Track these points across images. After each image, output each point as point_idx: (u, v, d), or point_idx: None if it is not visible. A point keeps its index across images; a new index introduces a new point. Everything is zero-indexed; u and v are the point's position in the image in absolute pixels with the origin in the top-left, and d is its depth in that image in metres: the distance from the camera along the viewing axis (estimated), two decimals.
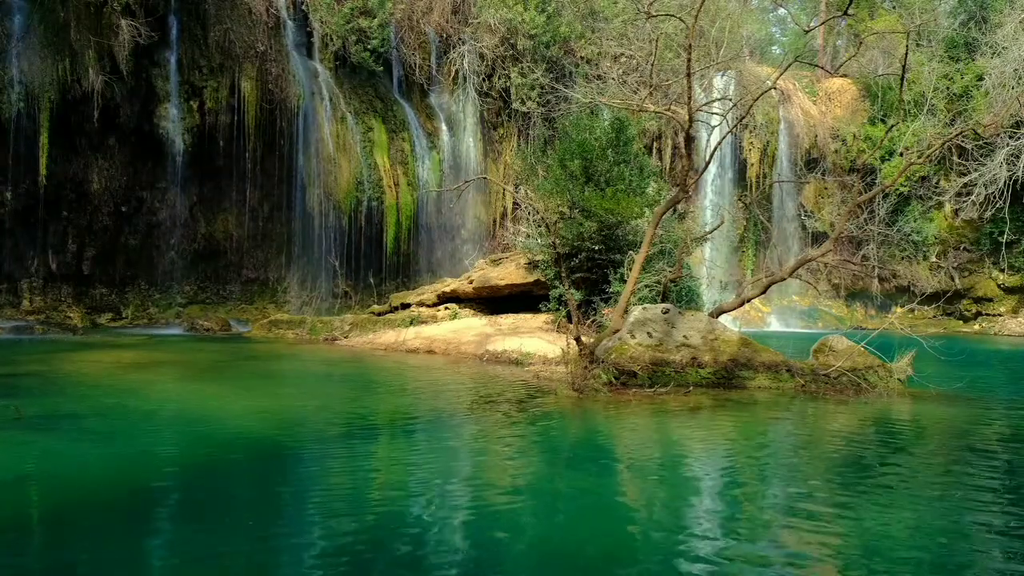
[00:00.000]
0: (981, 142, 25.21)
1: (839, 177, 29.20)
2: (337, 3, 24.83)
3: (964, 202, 26.37)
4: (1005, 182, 24.90)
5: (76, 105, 20.65)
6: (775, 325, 28.60)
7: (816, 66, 30.42)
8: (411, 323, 19.41)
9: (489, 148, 27.70)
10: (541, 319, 18.08)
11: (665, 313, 12.10)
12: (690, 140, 13.17)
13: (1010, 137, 24.63)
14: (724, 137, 13.95)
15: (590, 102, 19.12)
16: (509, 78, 27.04)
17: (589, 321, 15.90)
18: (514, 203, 26.53)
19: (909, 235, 27.88)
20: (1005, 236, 27.05)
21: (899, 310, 25.19)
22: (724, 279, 27.18)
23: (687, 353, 11.64)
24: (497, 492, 6.12)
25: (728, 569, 4.52)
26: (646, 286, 14.79)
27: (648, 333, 11.83)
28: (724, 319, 14.41)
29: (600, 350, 11.53)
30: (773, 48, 42.81)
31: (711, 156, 13.19)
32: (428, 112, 26.82)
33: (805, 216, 29.84)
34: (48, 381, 11.39)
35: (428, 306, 20.50)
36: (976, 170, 24.84)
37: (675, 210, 17.24)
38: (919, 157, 16.21)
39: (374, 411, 9.95)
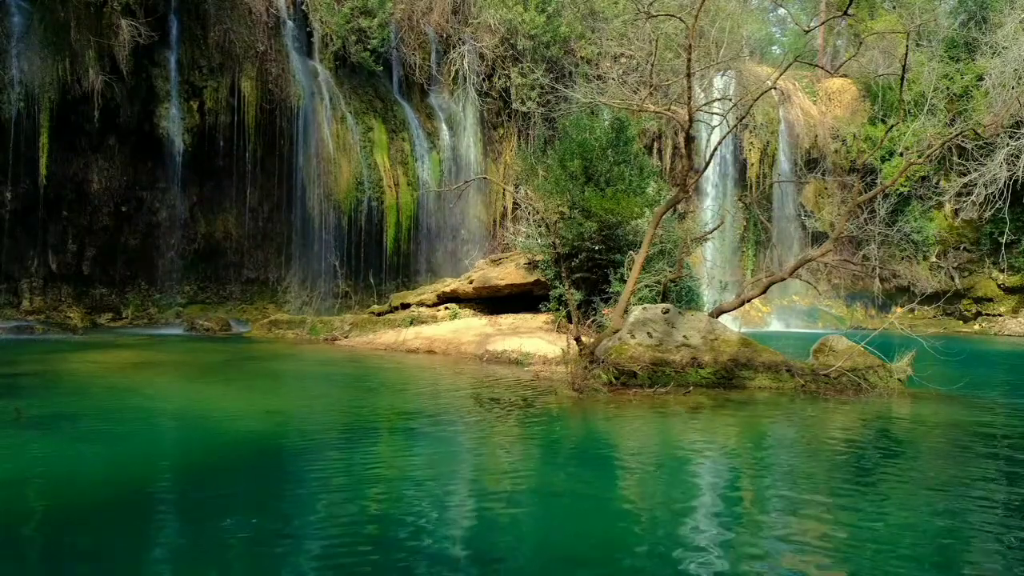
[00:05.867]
0: (981, 142, 25.20)
1: (839, 177, 29.19)
2: (337, 3, 24.82)
3: (964, 202, 26.38)
4: (1005, 182, 24.91)
5: (76, 105, 20.64)
6: (775, 325, 28.60)
7: (816, 66, 30.40)
8: (411, 323, 19.41)
9: (489, 148, 27.69)
10: (541, 319, 18.08)
11: (665, 313, 12.10)
12: (690, 140, 13.18)
13: (1010, 137, 24.63)
14: (724, 137, 13.95)
15: (590, 102, 19.11)
16: (509, 78, 27.03)
17: (589, 321, 15.90)
18: (514, 203, 26.52)
19: (909, 235, 27.87)
20: (1005, 236, 27.05)
21: (899, 310, 25.20)
22: (724, 279, 27.16)
23: (687, 353, 11.63)
24: (497, 492, 6.12)
25: (728, 569, 4.52)
26: (646, 286, 14.79)
27: (648, 333, 11.83)
28: (724, 319, 14.40)
29: (600, 350, 11.53)
30: (773, 48, 42.79)
31: (711, 156, 13.19)
32: (428, 112, 26.81)
33: (805, 216, 29.83)
34: (48, 381, 11.38)
35: (428, 306, 20.50)
36: (976, 170, 24.84)
37: (675, 210, 17.25)
38: (919, 157, 16.20)
39: (374, 411, 9.95)
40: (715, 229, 16.39)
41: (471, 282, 20.09)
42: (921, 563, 4.69)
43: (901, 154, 25.79)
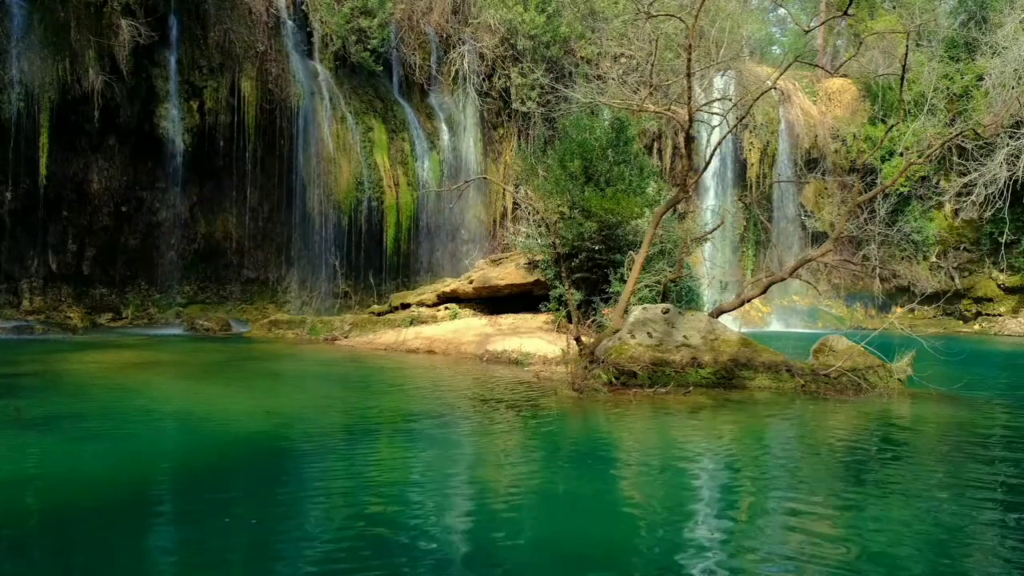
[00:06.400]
0: (981, 142, 25.20)
1: (839, 177, 29.18)
2: (337, 3, 24.82)
3: (964, 202, 26.38)
4: (1005, 182, 24.90)
5: (76, 105, 20.64)
6: (775, 325, 28.59)
7: (816, 66, 30.39)
8: (411, 323, 19.41)
9: (489, 148, 27.69)
10: (541, 319, 18.08)
11: (665, 313, 12.10)
12: (690, 140, 13.18)
13: (1010, 137, 24.63)
14: (724, 137, 13.96)
15: (590, 102, 19.11)
16: (509, 78, 27.03)
17: (589, 321, 15.90)
18: (514, 203, 26.52)
19: (909, 235, 27.86)
20: (1005, 236, 27.05)
21: (899, 310, 25.19)
22: (724, 279, 27.16)
23: (687, 353, 11.63)
24: (497, 492, 6.12)
25: (728, 570, 4.52)
26: (646, 286, 14.79)
27: (648, 333, 11.83)
28: (724, 319, 14.41)
29: (600, 350, 11.53)
30: (773, 48, 42.77)
31: (711, 156, 13.19)
32: (428, 112, 26.81)
33: (805, 216, 29.83)
34: (48, 381, 11.38)
35: (428, 306, 20.50)
36: (976, 170, 24.84)
37: (675, 210, 17.25)
38: (919, 157, 16.21)
39: (374, 411, 9.95)
40: (715, 229, 16.38)
41: (471, 282, 20.10)
42: (921, 564, 4.69)
43: (901, 154, 25.79)
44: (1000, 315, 28.18)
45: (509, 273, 19.44)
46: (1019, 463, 7.40)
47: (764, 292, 14.12)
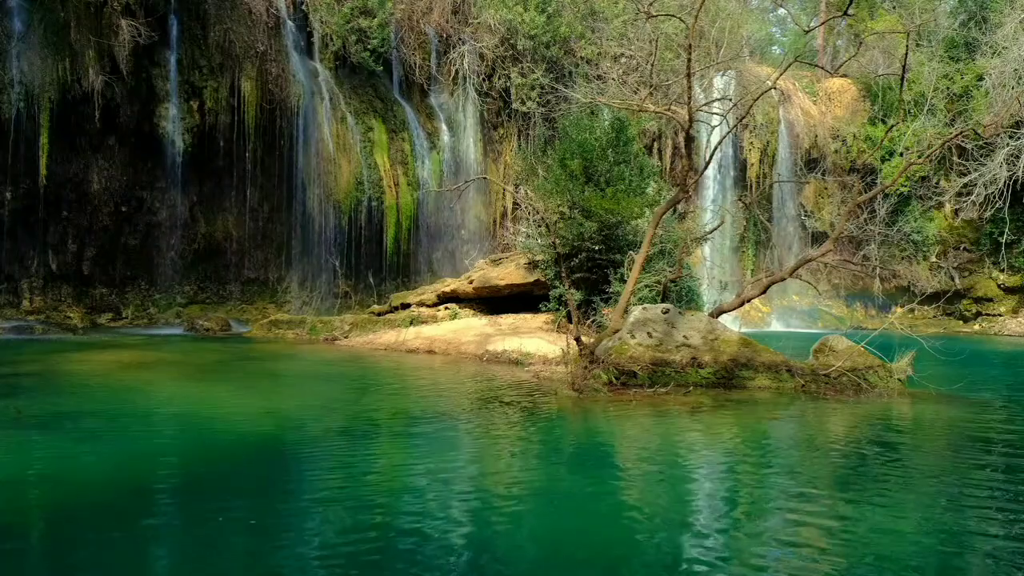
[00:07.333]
0: (981, 142, 25.20)
1: (839, 177, 29.19)
2: (337, 3, 24.83)
3: (964, 202, 26.37)
4: (1005, 182, 24.89)
5: (76, 105, 20.65)
6: (776, 325, 28.59)
7: (816, 66, 30.39)
8: (411, 323, 19.41)
9: (489, 148, 27.69)
10: (541, 319, 18.08)
11: (665, 313, 12.10)
12: (690, 140, 13.18)
13: (1010, 137, 24.63)
14: (724, 137, 13.97)
15: (590, 102, 19.10)
16: (509, 78, 27.03)
17: (589, 321, 15.90)
18: (514, 203, 26.52)
19: (909, 235, 27.87)
20: (1005, 236, 27.05)
21: (899, 310, 25.18)
22: (724, 279, 27.16)
23: (687, 353, 11.63)
24: (497, 492, 6.12)
25: (728, 570, 4.52)
26: (646, 286, 14.79)
27: (648, 333, 11.83)
28: (724, 319, 14.41)
29: (600, 350, 11.53)
30: (773, 48, 42.74)
31: (711, 156, 13.18)
32: (428, 112, 26.81)
33: (805, 216, 29.83)
34: (48, 381, 11.38)
35: (428, 306, 20.50)
36: (976, 170, 24.84)
37: (675, 210, 17.26)
38: (919, 157, 16.22)
39: (374, 411, 9.95)
40: (715, 229, 16.39)
41: (471, 282, 20.10)
42: (921, 564, 4.69)
43: (901, 154, 25.80)
44: (1000, 315, 28.17)
45: (509, 273, 19.44)
46: (1019, 464, 7.40)
47: (764, 292, 14.11)
